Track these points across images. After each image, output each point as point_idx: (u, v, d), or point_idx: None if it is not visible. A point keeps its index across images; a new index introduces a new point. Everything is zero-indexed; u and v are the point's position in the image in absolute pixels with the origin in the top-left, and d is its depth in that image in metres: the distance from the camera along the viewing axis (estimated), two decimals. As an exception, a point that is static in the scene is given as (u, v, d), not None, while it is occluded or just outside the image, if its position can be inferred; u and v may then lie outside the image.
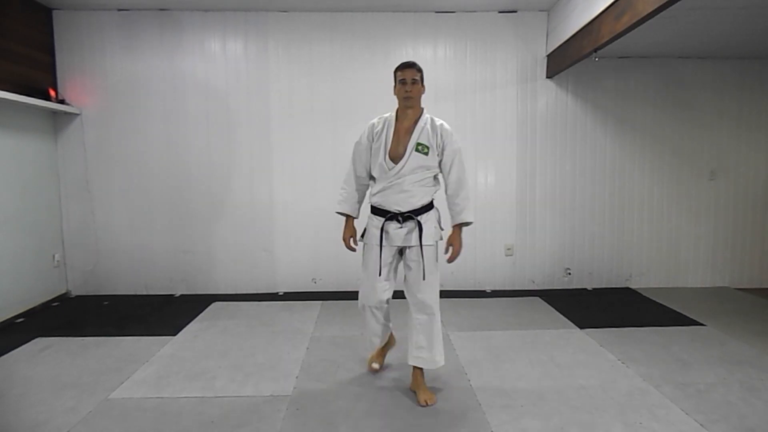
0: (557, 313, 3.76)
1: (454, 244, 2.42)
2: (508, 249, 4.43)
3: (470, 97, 4.29)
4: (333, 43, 4.20)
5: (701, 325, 3.47)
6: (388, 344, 2.76)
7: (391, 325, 2.66)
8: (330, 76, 4.23)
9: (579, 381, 2.59)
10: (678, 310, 3.81)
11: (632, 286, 4.54)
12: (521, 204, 4.40)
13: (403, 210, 2.35)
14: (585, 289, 4.49)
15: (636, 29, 2.93)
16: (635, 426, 2.15)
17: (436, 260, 2.42)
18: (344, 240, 2.53)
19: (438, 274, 2.45)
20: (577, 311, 3.78)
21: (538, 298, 4.18)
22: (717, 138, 4.47)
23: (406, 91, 2.35)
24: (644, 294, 4.30)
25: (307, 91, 4.23)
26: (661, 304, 3.99)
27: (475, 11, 4.20)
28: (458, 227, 2.43)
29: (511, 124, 4.32)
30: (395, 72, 2.41)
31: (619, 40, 3.15)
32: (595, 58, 3.59)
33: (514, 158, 4.36)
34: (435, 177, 2.44)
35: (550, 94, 4.32)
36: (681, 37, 3.72)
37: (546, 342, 3.16)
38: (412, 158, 2.33)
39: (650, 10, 2.61)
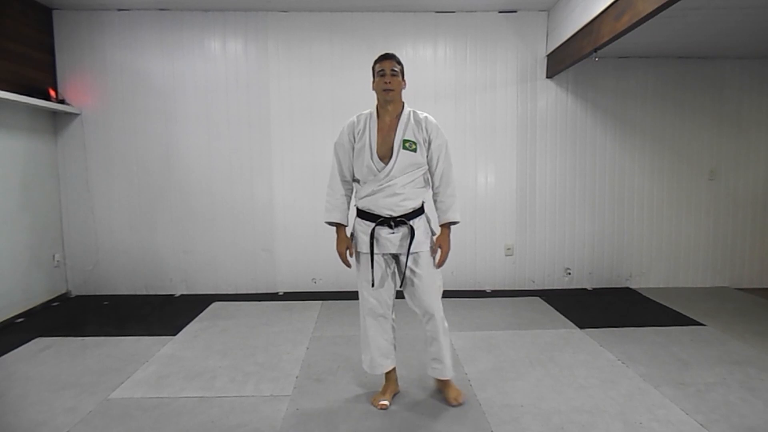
0: (557, 313, 3.76)
1: (443, 245, 2.26)
2: (508, 249, 4.43)
3: (470, 97, 4.29)
4: (333, 43, 4.20)
5: (701, 325, 3.47)
6: (394, 384, 2.43)
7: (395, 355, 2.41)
8: (330, 76, 4.23)
9: (579, 381, 2.59)
10: (678, 310, 3.81)
11: (632, 286, 4.54)
12: (521, 204, 4.40)
13: (395, 214, 2.21)
14: (585, 289, 4.49)
15: (636, 29, 2.92)
16: (635, 426, 2.15)
17: (432, 265, 2.29)
18: (340, 254, 2.32)
19: (438, 279, 2.33)
20: (577, 311, 3.78)
21: (538, 298, 4.18)
22: (717, 138, 4.47)
23: (386, 83, 2.19)
24: (644, 294, 4.30)
25: (307, 91, 4.23)
26: (661, 304, 3.99)
27: (475, 11, 4.20)
28: (446, 227, 2.29)
29: (511, 124, 4.32)
30: (374, 65, 2.26)
31: (619, 40, 3.15)
32: (595, 58, 3.59)
33: (514, 158, 4.36)
34: (425, 176, 2.29)
35: (550, 94, 4.32)
36: (681, 37, 3.72)
37: (546, 342, 3.16)
38: (401, 157, 2.18)
39: (650, 10, 2.61)
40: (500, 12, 4.21)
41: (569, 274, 4.50)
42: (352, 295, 4.09)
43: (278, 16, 4.16)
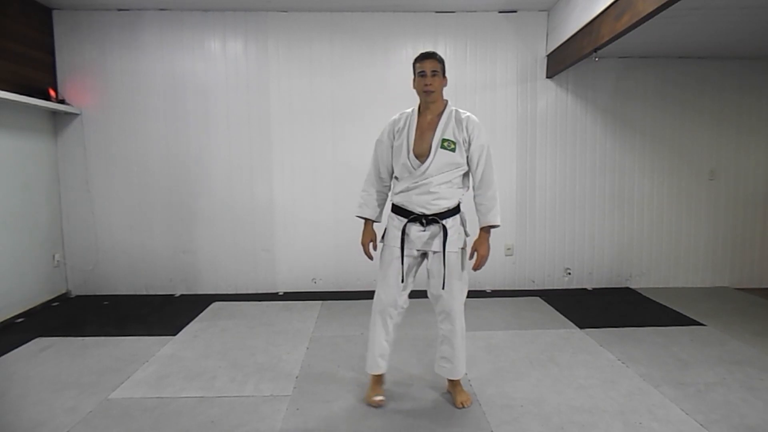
0: (557, 313, 3.76)
1: (479, 249, 2.24)
2: (508, 249, 4.43)
3: (470, 97, 4.29)
4: (333, 43, 4.20)
5: (701, 325, 3.47)
6: (382, 380, 2.42)
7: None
8: (330, 76, 4.22)
9: (579, 381, 2.59)
10: (678, 310, 3.81)
11: (632, 286, 4.53)
12: (521, 204, 4.40)
13: (428, 212, 2.19)
14: (585, 289, 4.49)
15: (636, 29, 2.92)
16: (635, 426, 2.15)
17: (462, 268, 2.26)
18: (363, 245, 2.34)
19: (464, 282, 2.30)
20: (577, 311, 3.78)
21: (538, 298, 4.18)
22: (717, 138, 4.47)
23: (426, 85, 2.17)
24: (644, 294, 4.30)
25: (307, 91, 4.23)
26: (661, 304, 3.99)
27: (475, 11, 4.20)
28: (485, 230, 2.26)
29: (511, 124, 4.32)
30: (414, 63, 2.22)
31: (619, 40, 3.15)
32: (595, 58, 3.59)
33: (514, 158, 4.36)
34: (464, 176, 2.27)
35: (550, 94, 4.32)
36: (681, 37, 3.72)
37: (546, 342, 3.16)
38: (438, 156, 2.16)
39: (650, 10, 2.61)
40: (500, 12, 4.21)
41: (569, 274, 4.50)
42: (352, 295, 4.13)
43: (278, 16, 4.16)
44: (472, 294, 4.20)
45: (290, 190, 4.32)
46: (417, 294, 2.43)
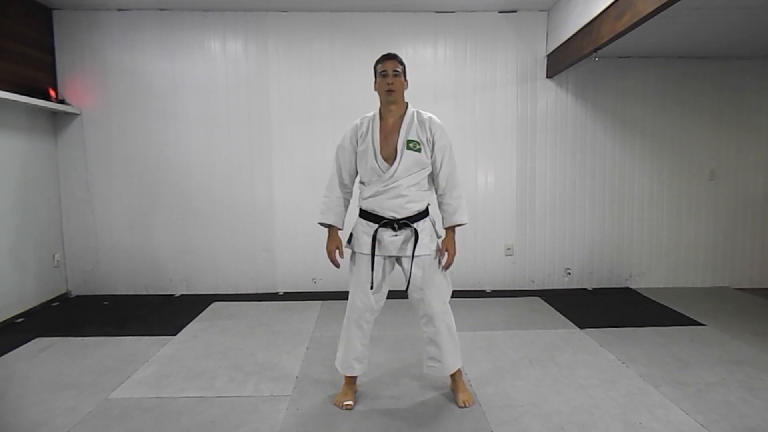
0: (557, 313, 3.76)
1: (449, 248, 2.25)
2: (508, 249, 4.43)
3: (470, 97, 4.29)
4: (333, 43, 4.20)
5: (701, 325, 3.46)
6: (354, 385, 2.43)
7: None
8: (330, 76, 4.22)
9: (579, 381, 2.59)
10: (678, 310, 3.81)
11: (632, 286, 4.53)
12: (521, 204, 4.40)
13: (400, 216, 2.19)
14: (585, 289, 4.49)
15: (636, 29, 2.92)
16: (635, 426, 2.15)
17: (438, 268, 2.26)
18: (329, 252, 2.34)
19: (446, 282, 2.31)
20: (577, 311, 3.78)
21: (538, 298, 4.18)
22: (717, 138, 4.47)
23: (388, 84, 2.19)
24: (644, 294, 4.30)
25: (307, 91, 4.23)
26: (661, 304, 3.99)
27: (475, 11, 4.20)
28: (451, 230, 2.27)
29: (511, 124, 4.32)
30: (375, 65, 2.27)
31: (619, 40, 3.15)
32: (595, 58, 3.59)
33: (514, 158, 4.36)
34: (430, 178, 2.29)
35: (550, 94, 4.32)
36: (681, 37, 3.72)
37: (546, 342, 3.15)
38: (405, 157, 2.17)
39: (650, 10, 2.61)
40: (500, 12, 4.21)
41: (569, 274, 4.50)
42: (352, 295, 4.12)
43: (278, 16, 4.16)
44: (472, 294, 4.27)
45: (290, 190, 4.32)
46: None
